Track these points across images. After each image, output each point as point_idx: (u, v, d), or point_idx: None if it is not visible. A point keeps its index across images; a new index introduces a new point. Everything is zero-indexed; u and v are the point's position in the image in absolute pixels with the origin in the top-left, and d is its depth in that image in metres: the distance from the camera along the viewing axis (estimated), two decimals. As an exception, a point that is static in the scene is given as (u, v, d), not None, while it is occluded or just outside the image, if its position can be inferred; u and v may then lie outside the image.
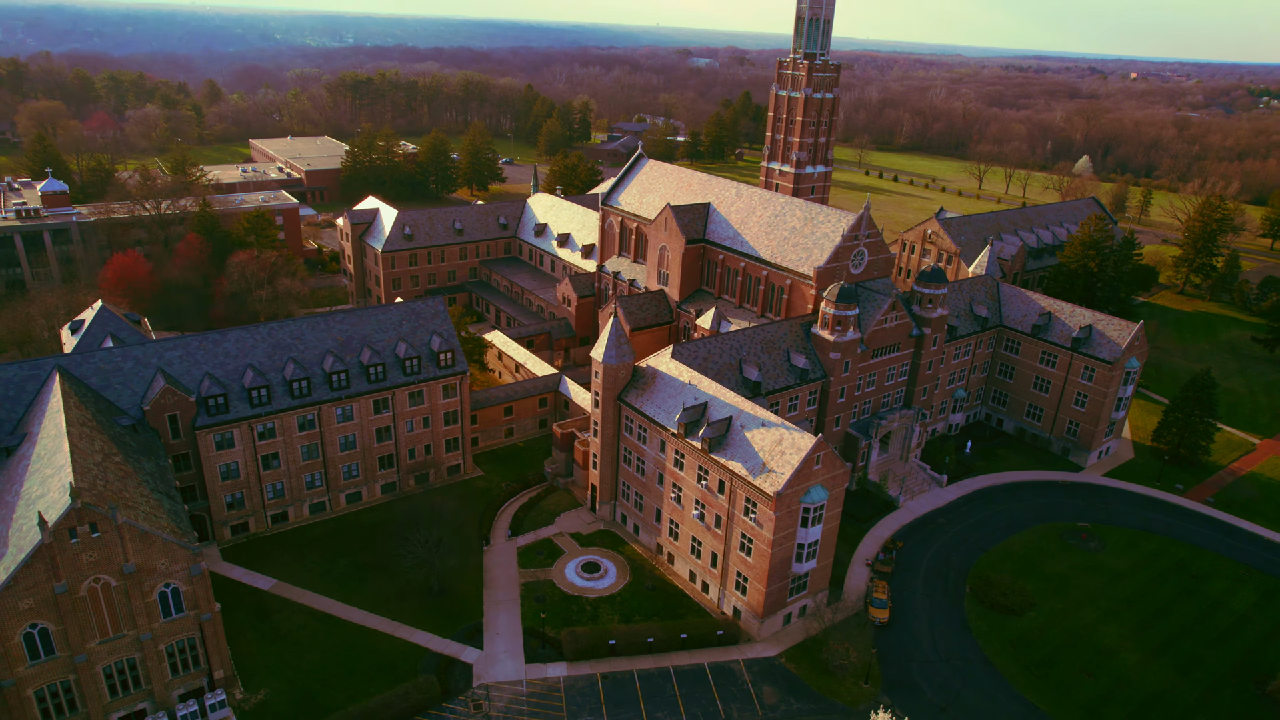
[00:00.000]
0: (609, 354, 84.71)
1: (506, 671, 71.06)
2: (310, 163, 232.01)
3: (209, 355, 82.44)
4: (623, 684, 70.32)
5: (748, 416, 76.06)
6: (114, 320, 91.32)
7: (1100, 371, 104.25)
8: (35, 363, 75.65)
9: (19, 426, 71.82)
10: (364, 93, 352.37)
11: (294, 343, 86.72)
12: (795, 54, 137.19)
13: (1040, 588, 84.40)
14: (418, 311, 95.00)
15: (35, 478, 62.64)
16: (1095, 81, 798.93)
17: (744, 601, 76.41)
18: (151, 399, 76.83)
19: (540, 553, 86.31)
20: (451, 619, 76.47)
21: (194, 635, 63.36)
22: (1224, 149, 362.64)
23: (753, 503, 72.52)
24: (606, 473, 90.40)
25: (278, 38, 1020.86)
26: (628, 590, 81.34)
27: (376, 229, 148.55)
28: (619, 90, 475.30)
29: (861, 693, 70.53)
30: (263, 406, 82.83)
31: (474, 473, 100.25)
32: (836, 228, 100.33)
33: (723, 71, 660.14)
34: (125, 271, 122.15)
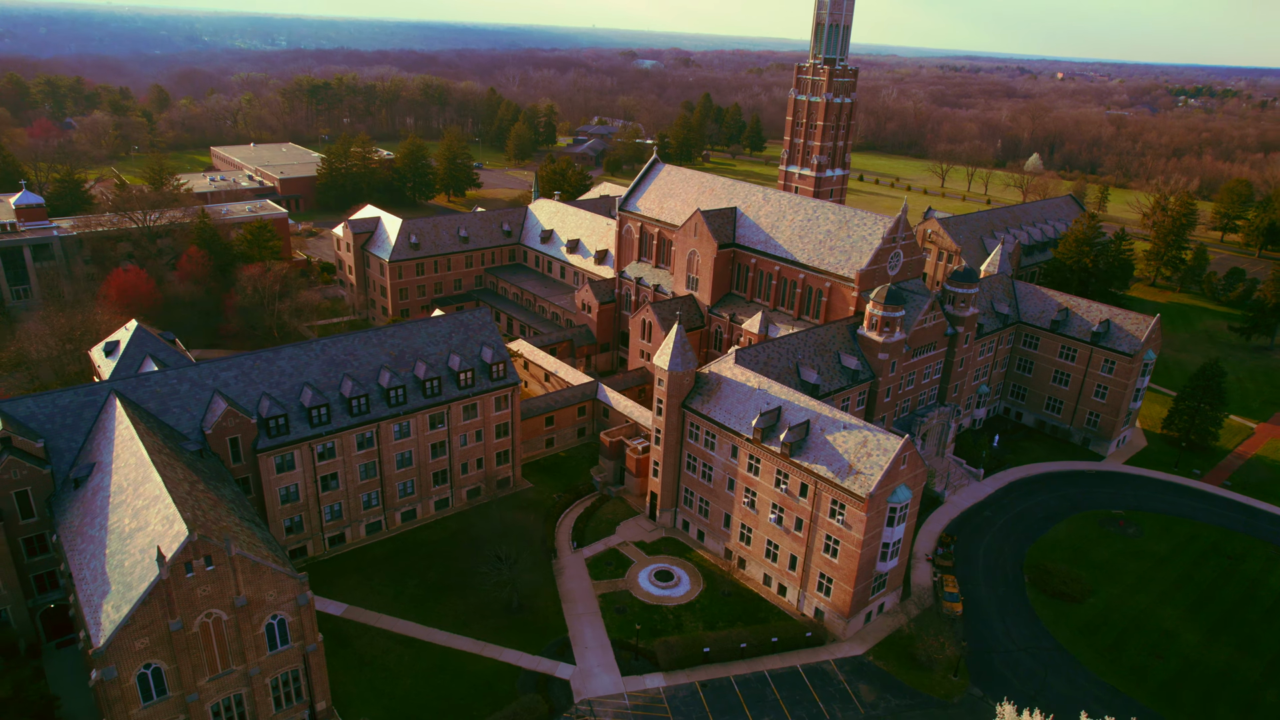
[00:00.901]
0: (674, 361, 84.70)
1: (604, 686, 70.50)
2: (283, 170, 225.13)
3: (264, 375, 79.62)
4: (721, 691, 70.50)
5: (826, 420, 77.01)
6: (151, 340, 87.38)
7: (1121, 364, 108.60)
8: (90, 388, 71.98)
9: (82, 456, 68.25)
10: (321, 98, 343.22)
11: (348, 359, 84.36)
12: (815, 59, 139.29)
13: (1093, 575, 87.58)
14: (466, 323, 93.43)
15: (123, 510, 59.65)
16: (1027, 81, 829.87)
17: (827, 602, 77.35)
18: (214, 422, 73.85)
19: (609, 563, 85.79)
20: (536, 635, 75.49)
21: (298, 667, 61.19)
22: (1160, 146, 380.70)
23: (839, 504, 73.50)
24: (668, 480, 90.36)
25: (206, 40, 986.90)
26: (704, 597, 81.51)
27: (380, 238, 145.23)
28: (576, 93, 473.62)
29: (953, 685, 72.18)
30: (323, 426, 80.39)
31: (523, 485, 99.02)
32: (874, 230, 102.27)
33: (670, 73, 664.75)
34: (128, 288, 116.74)
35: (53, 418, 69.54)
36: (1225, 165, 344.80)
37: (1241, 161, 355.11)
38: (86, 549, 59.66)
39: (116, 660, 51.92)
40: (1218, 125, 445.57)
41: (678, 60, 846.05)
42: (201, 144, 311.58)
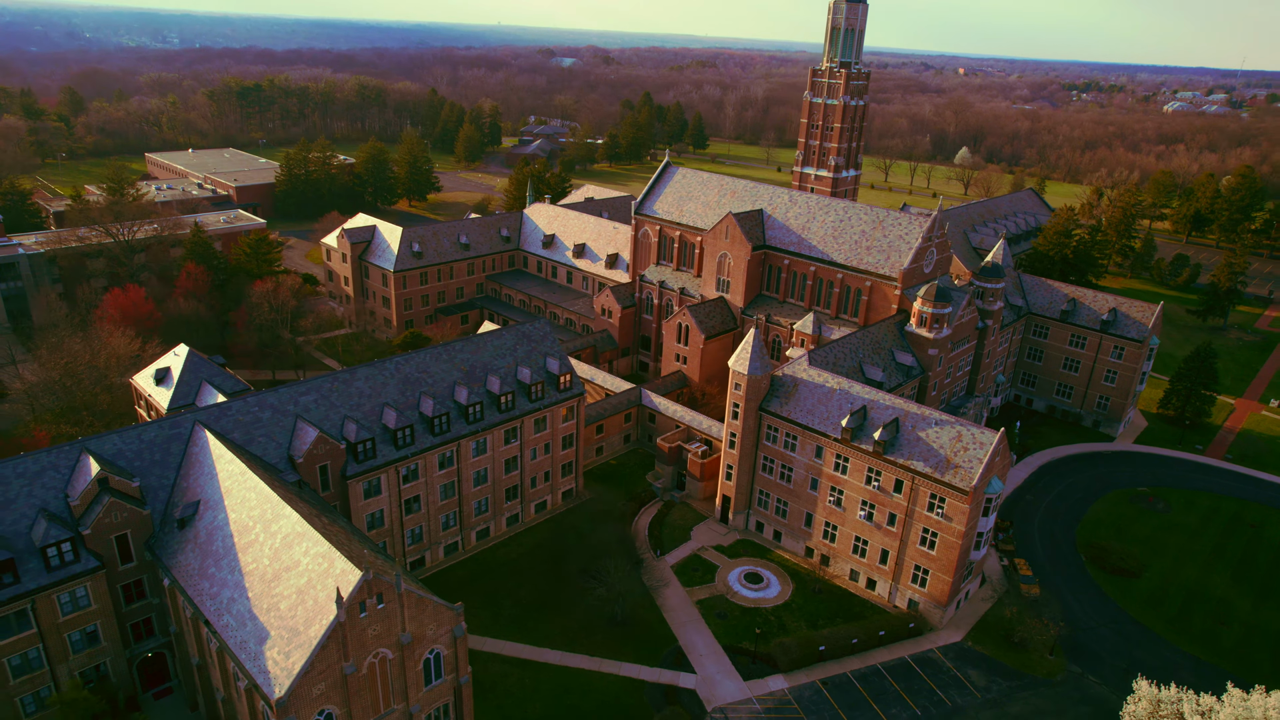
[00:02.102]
0: (753, 365, 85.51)
1: (730, 692, 70.86)
2: (237, 178, 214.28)
3: (343, 397, 76.34)
4: (843, 688, 71.92)
5: (915, 416, 79.33)
6: (205, 365, 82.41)
7: (1130, 349, 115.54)
8: (174, 420, 67.51)
9: (178, 494, 64.00)
10: (252, 100, 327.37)
11: (422, 376, 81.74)
12: (831, 63, 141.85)
13: (1140, 550, 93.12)
14: (528, 334, 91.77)
15: (257, 550, 56.41)
16: (934, 77, 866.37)
17: (923, 593, 79.76)
18: (304, 450, 70.42)
19: (695, 569, 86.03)
20: (648, 646, 75.15)
21: (449, 701, 59.19)
22: (1075, 139, 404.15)
23: (939, 498, 75.92)
24: (743, 483, 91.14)
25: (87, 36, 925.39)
26: (797, 596, 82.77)
27: (379, 248, 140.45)
28: (509, 93, 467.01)
29: (1052, 664, 75.67)
30: (408, 447, 77.73)
31: (585, 495, 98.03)
32: (910, 230, 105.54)
33: (594, 71, 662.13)
34: (129, 308, 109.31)
35: (140, 454, 64.94)
36: (1134, 156, 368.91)
37: (1147, 153, 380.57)
38: (220, 593, 56.13)
39: (297, 709, 49.13)
40: (1120, 119, 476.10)
41: (597, 58, 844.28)
42: (125, 150, 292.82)
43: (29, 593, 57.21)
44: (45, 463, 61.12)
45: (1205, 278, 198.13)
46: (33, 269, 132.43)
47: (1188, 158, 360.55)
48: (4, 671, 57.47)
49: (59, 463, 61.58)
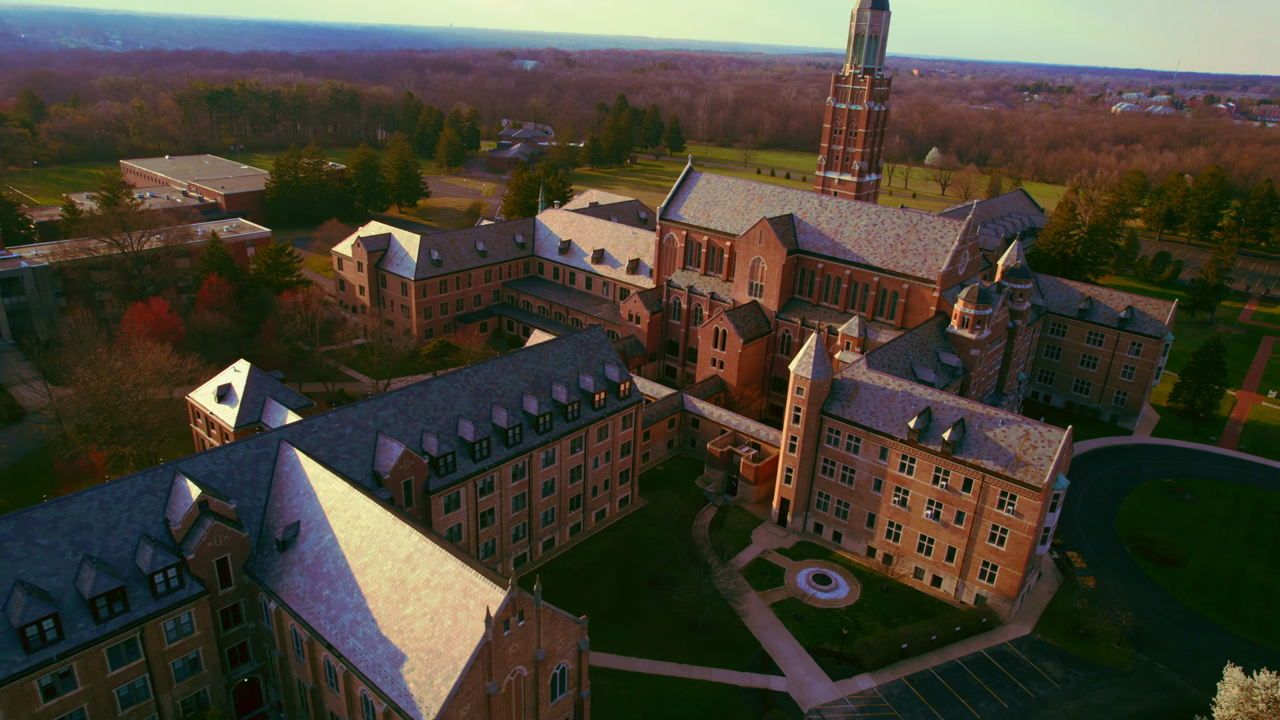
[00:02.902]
0: (817, 370, 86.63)
1: (822, 693, 71.79)
2: (224, 185, 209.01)
3: (419, 411, 75.41)
4: (928, 684, 73.35)
5: (980, 416, 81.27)
6: (266, 381, 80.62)
7: (1147, 345, 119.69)
8: (259, 439, 65.99)
9: (273, 514, 62.62)
10: (223, 105, 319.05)
11: (491, 388, 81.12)
12: (855, 69, 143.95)
13: (1179, 539, 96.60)
14: (585, 343, 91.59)
15: (375, 571, 55.56)
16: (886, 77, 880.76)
17: (990, 588, 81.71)
18: (391, 466, 69.44)
19: (763, 572, 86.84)
20: (732, 651, 75.70)
21: (569, 716, 58.96)
22: (1039, 139, 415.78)
23: (1009, 495, 77.88)
24: (802, 485, 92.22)
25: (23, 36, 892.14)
26: (867, 596, 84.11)
27: (397, 256, 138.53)
28: (480, 96, 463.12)
29: (1121, 654, 78.17)
30: (485, 460, 77.13)
31: (640, 502, 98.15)
32: (944, 233, 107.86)
33: (558, 73, 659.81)
34: (156, 323, 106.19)
35: (231, 475, 63.39)
36: (1096, 156, 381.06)
37: (1107, 153, 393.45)
38: (340, 616, 55.11)
39: (446, 731, 48.56)
40: (1077, 120, 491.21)
41: (559, 60, 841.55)
42: (93, 157, 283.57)
43: (138, 621, 55.49)
44: (141, 486, 59.28)
45: (1186, 274, 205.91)
46: (36, 282, 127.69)
47: (1146, 157, 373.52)
48: (113, 703, 55.62)
49: (155, 486, 59.77)
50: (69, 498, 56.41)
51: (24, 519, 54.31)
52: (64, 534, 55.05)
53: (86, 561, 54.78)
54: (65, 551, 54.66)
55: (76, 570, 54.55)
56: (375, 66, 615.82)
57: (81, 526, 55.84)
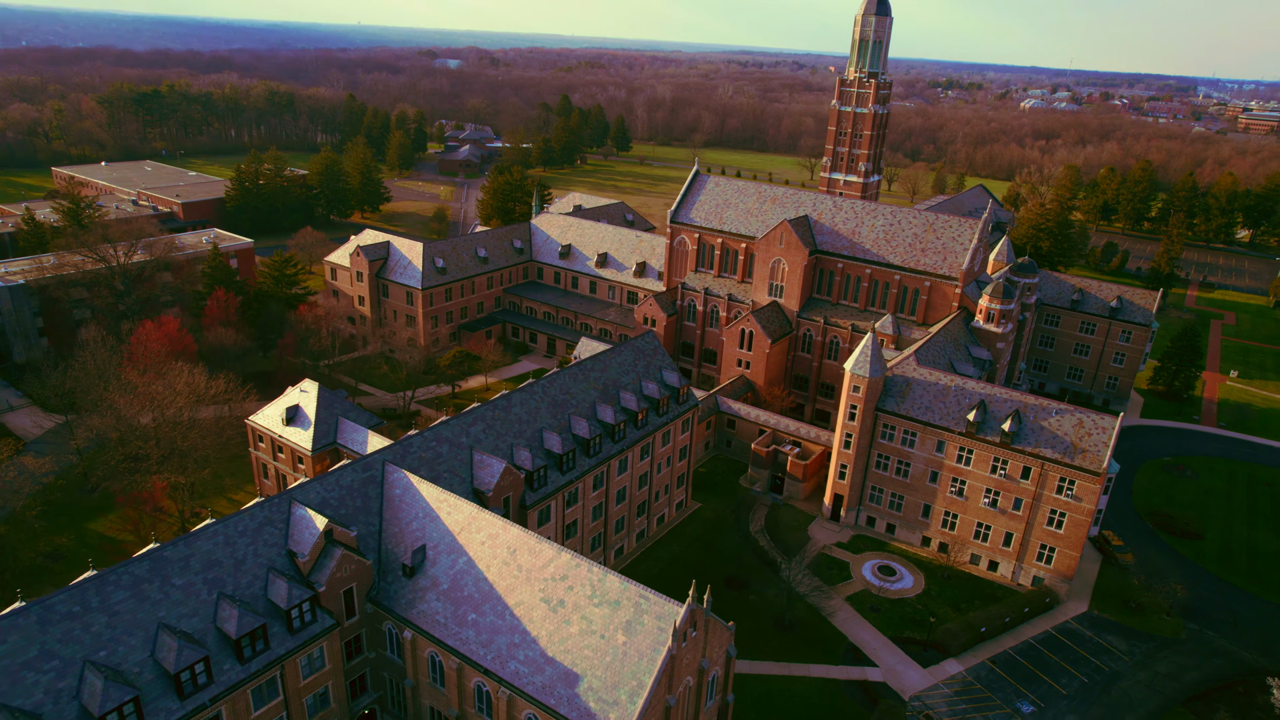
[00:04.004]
0: (874, 368, 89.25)
1: (916, 680, 74.34)
2: (179, 193, 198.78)
3: (506, 425, 74.44)
4: (1010, 664, 76.86)
5: (1034, 407, 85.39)
6: (336, 401, 77.93)
7: (1137, 333, 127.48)
8: (364, 462, 64.08)
9: (390, 539, 60.95)
10: (152, 107, 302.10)
11: (565, 398, 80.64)
12: (859, 73, 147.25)
13: (1193, 515, 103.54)
14: (641, 349, 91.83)
15: (524, 591, 54.93)
16: (809, 75, 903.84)
17: (1048, 570, 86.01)
18: (493, 483, 68.44)
19: (829, 567, 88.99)
20: (822, 645, 77.53)
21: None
22: (967, 135, 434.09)
23: (1068, 481, 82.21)
24: (856, 481, 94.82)
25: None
26: (931, 584, 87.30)
27: (399, 265, 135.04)
28: (415, 97, 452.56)
29: (1173, 624, 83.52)
30: (571, 471, 76.72)
31: (694, 505, 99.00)
32: (961, 232, 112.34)
33: (481, 73, 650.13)
34: (169, 342, 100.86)
35: (343, 501, 61.34)
36: (1022, 151, 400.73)
37: (1030, 148, 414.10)
38: (494, 640, 54.17)
39: (636, 746, 48.50)
40: (997, 116, 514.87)
41: (482, 60, 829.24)
42: (9, 164, 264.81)
43: (279, 659, 53.30)
44: (261, 518, 56.81)
45: (1131, 263, 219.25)
46: (14, 302, 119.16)
47: (1068, 152, 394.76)
48: (256, 746, 53.23)
49: (274, 517, 57.36)
50: (195, 534, 53.68)
51: (157, 558, 51.48)
52: (196, 572, 52.42)
53: (223, 600, 52.31)
54: (200, 590, 52.06)
55: (214, 609, 52.04)
56: (295, 66, 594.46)
57: (212, 563, 53.25)
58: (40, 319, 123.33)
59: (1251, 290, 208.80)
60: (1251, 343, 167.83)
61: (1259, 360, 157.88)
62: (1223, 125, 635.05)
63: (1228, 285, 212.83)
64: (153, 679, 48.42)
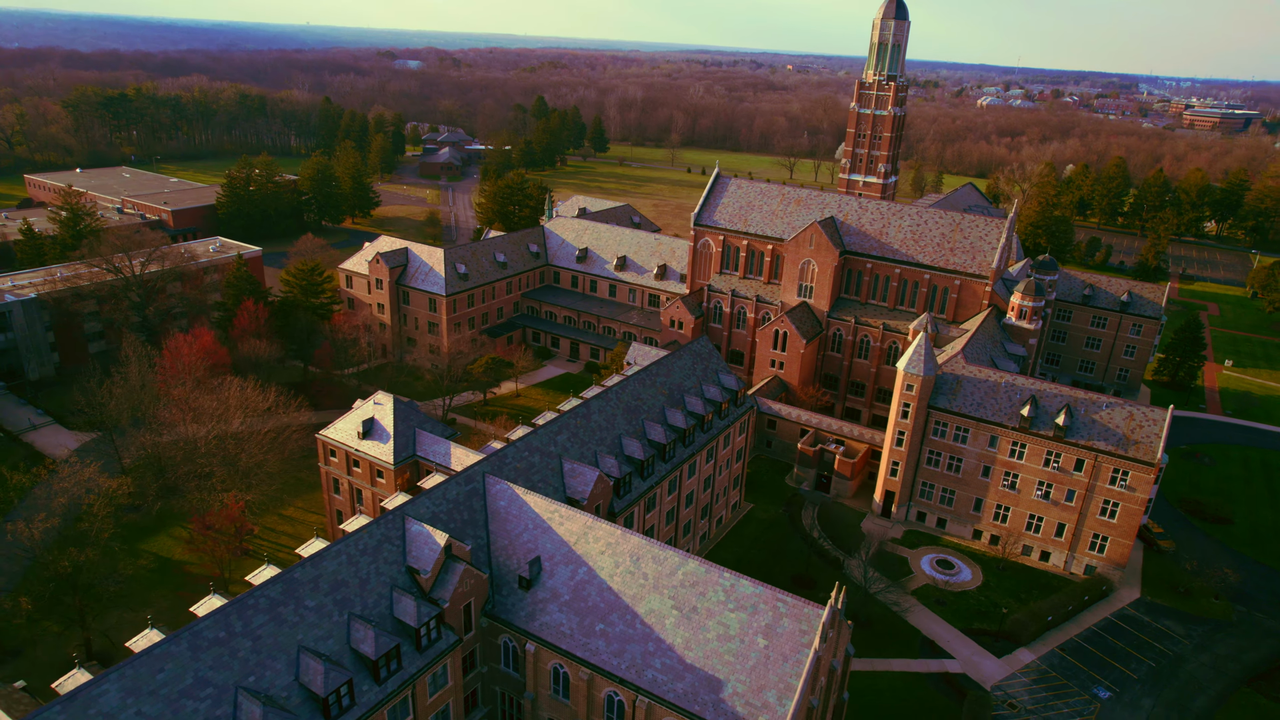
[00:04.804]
0: (927, 367, 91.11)
1: (993, 670, 76.24)
2: (168, 200, 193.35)
3: (588, 432, 74.46)
4: (1078, 651, 79.22)
5: (1084, 401, 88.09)
6: (411, 412, 77.01)
7: (1147, 326, 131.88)
8: (466, 475, 63.54)
9: (501, 552, 60.60)
10: (119, 111, 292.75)
11: (638, 404, 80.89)
12: (878, 76, 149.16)
13: (1220, 500, 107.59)
14: (698, 353, 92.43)
15: (655, 599, 55.16)
16: (769, 74, 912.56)
17: (1101, 558, 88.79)
18: (588, 491, 68.45)
19: (889, 563, 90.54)
20: (898, 639, 79.00)
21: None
22: (937, 133, 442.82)
23: (1122, 472, 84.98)
24: (907, 477, 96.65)
25: None
26: (989, 576, 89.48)
27: (420, 272, 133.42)
28: (386, 99, 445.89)
29: (1222, 607, 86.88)
30: (651, 477, 77.09)
31: (746, 506, 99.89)
32: (988, 231, 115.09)
33: (446, 74, 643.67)
34: (205, 354, 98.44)
35: (451, 515, 60.81)
36: (989, 148, 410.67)
37: (996, 144, 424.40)
38: (627, 649, 54.24)
39: (787, 749, 49.12)
40: (961, 114, 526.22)
41: (443, 61, 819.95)
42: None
43: (411, 678, 52.70)
44: (379, 535, 56.03)
45: (1116, 258, 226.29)
46: (26, 316, 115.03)
47: (1033, 149, 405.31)
48: (391, 768, 52.54)
49: (390, 534, 56.62)
50: (320, 554, 52.80)
51: (289, 580, 50.54)
52: (325, 593, 51.56)
53: (354, 620, 51.56)
54: (332, 612, 51.22)
55: (346, 630, 51.28)
56: (254, 67, 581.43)
57: (339, 584, 52.42)
58: (51, 334, 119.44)
59: (1228, 282, 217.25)
60: (1238, 333, 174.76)
61: (1249, 349, 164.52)
62: (1169, 121, 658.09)
63: (1204, 277, 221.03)
64: (300, 702, 47.57)
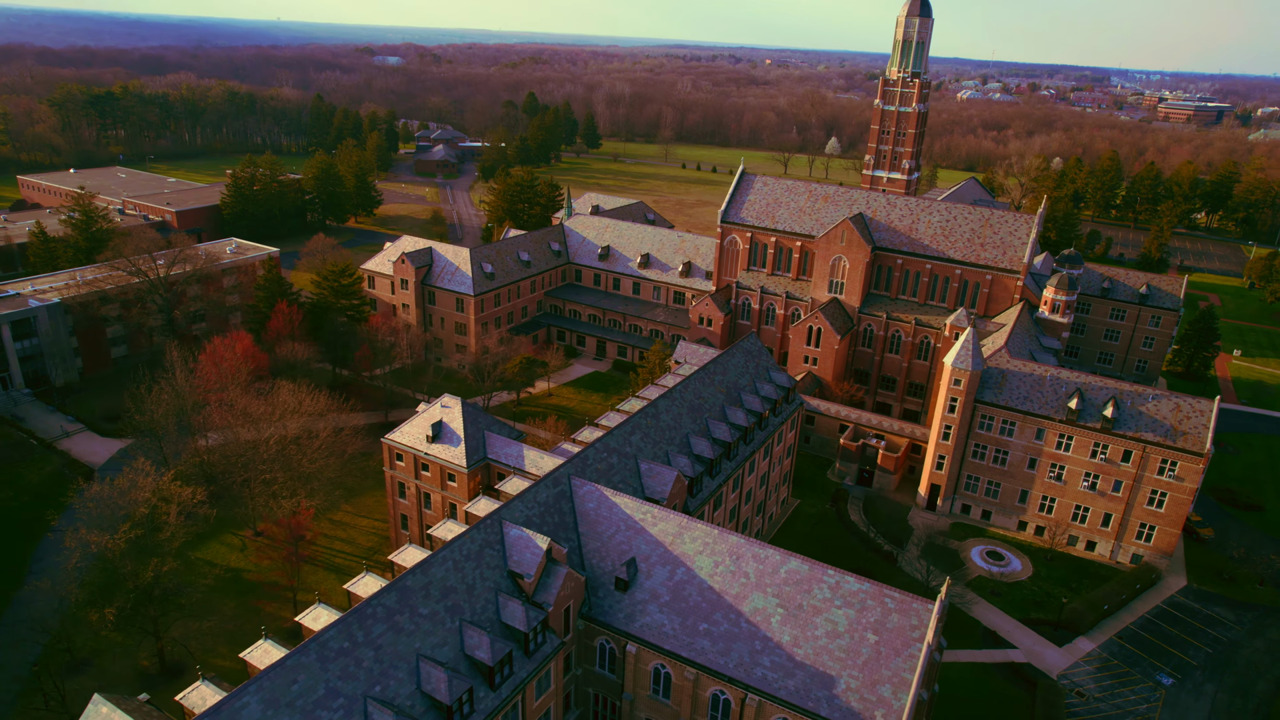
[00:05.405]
0: (975, 361, 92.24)
1: (1056, 659, 77.58)
2: (170, 201, 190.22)
3: (659, 432, 74.67)
4: (1135, 639, 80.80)
5: (1130, 394, 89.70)
6: (479, 414, 76.65)
7: (1166, 318, 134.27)
8: (553, 477, 63.45)
9: (590, 554, 60.67)
10: (107, 110, 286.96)
11: (700, 402, 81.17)
12: (902, 73, 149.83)
13: (1249, 488, 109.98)
14: (749, 351, 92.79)
15: (758, 597, 55.61)
16: (748, 69, 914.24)
17: (1148, 547, 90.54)
18: (667, 491, 68.74)
19: (940, 555, 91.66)
20: (959, 631, 79.97)
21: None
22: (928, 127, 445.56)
23: (1170, 462, 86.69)
24: (953, 470, 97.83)
25: None
26: (1039, 566, 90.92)
27: (446, 271, 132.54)
28: (373, 95, 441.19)
29: (1266, 592, 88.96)
30: (719, 475, 77.40)
31: (794, 501, 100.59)
32: (1017, 227, 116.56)
33: (427, 71, 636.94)
34: (246, 358, 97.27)
35: (544, 518, 60.75)
36: (976, 141, 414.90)
37: (983, 138, 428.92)
38: (733, 648, 54.57)
39: (905, 743, 49.76)
40: (946, 107, 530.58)
41: (424, 57, 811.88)
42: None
43: (522, 682, 52.69)
44: (480, 541, 55.82)
45: (1115, 250, 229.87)
46: (51, 321, 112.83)
47: (1020, 143, 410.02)
48: (505, 773, 52.48)
49: (490, 539, 56.43)
50: (427, 561, 52.55)
51: (402, 589, 50.26)
52: (437, 600, 51.36)
53: (467, 626, 51.42)
54: (444, 619, 51.05)
55: (459, 637, 51.12)
56: (232, 64, 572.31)
57: (448, 590, 52.23)
58: (74, 339, 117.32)
59: (1224, 273, 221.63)
60: (1242, 323, 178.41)
61: (1255, 339, 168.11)
62: (1144, 114, 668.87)
63: (1201, 269, 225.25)
64: (424, 711, 47.42)
